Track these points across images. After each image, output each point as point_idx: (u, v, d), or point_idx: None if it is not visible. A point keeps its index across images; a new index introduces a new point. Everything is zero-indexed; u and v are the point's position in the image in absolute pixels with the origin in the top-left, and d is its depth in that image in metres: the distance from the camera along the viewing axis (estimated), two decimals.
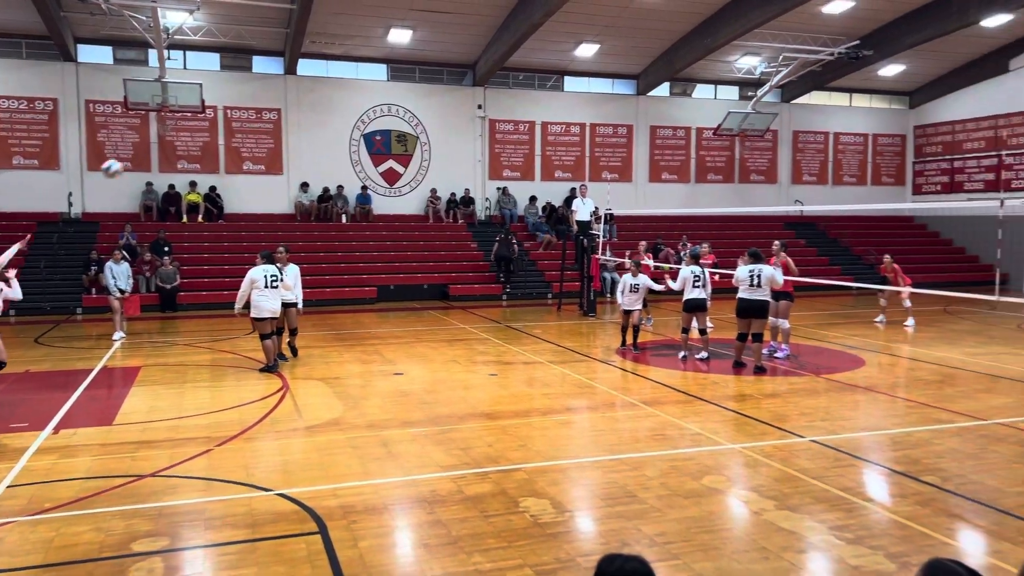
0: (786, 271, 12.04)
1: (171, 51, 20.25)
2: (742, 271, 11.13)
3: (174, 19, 18.68)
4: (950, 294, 11.03)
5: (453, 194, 24.17)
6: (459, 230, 23.75)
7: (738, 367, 11.22)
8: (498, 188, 24.67)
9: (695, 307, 12.00)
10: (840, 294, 22.22)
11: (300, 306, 12.24)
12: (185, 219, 21.68)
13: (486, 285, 21.51)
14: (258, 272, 10.98)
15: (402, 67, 23.91)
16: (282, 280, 11.20)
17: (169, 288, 18.75)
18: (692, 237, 23.97)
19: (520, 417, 8.60)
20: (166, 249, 19.54)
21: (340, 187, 23.09)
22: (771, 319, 12.43)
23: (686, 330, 12.12)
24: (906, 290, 15.05)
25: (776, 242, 12.83)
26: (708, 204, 26.08)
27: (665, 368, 11.53)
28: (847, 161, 28.54)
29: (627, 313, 12.95)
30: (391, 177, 23.95)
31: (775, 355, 12.25)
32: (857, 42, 22.10)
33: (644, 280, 13.11)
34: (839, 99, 28.49)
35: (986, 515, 5.72)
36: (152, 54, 20.72)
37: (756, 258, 11.14)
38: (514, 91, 24.96)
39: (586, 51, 23.34)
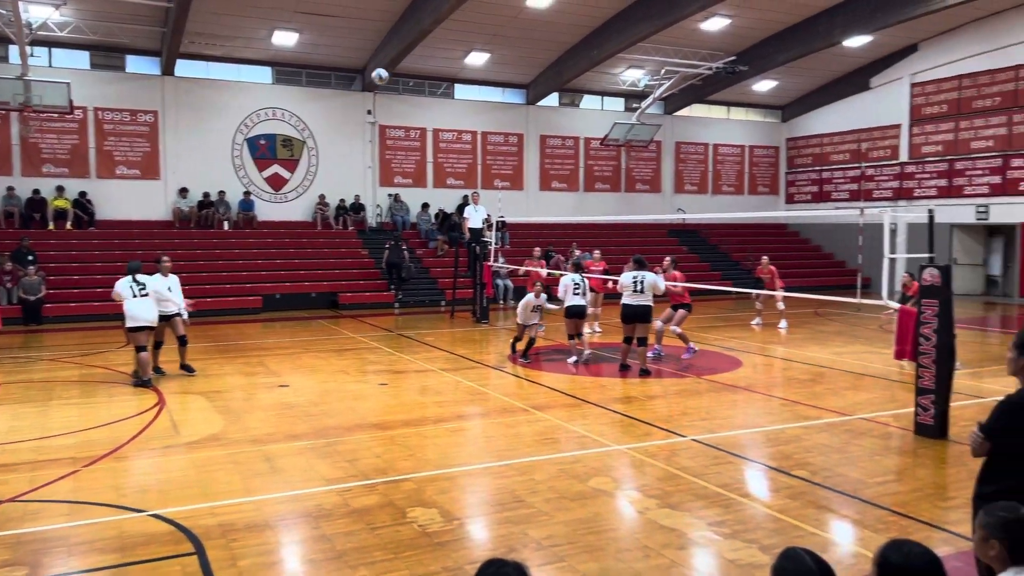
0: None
1: (35, 47, 18.97)
2: (626, 277, 11.48)
3: (38, 14, 17.52)
4: (819, 297, 11.71)
5: (342, 200, 23.74)
6: (349, 237, 23.35)
7: (624, 370, 11.53)
8: (389, 195, 24.41)
9: (575, 314, 12.27)
10: (720, 299, 23.17)
11: (185, 316, 11.70)
12: (52, 226, 20.32)
13: (377, 293, 21.22)
14: (123, 284, 10.49)
15: (288, 70, 23.32)
16: (152, 290, 10.69)
17: (33, 300, 17.53)
18: (581, 244, 24.54)
19: (410, 426, 8.51)
20: (30, 258, 18.25)
21: (222, 193, 22.24)
22: (658, 323, 12.89)
23: (571, 336, 12.36)
24: (779, 293, 15.87)
25: (667, 258, 13.38)
26: (596, 212, 26.68)
27: (555, 373, 11.69)
28: (725, 171, 29.86)
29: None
30: (276, 182, 23.28)
31: (683, 355, 12.79)
32: (734, 58, 23.18)
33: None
34: (718, 112, 29.80)
35: (850, 505, 6.08)
36: (13, 50, 19.34)
37: (640, 265, 11.51)
38: (405, 97, 24.80)
39: (476, 59, 23.47)
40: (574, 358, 12.29)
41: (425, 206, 24.41)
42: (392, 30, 21.00)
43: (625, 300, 11.43)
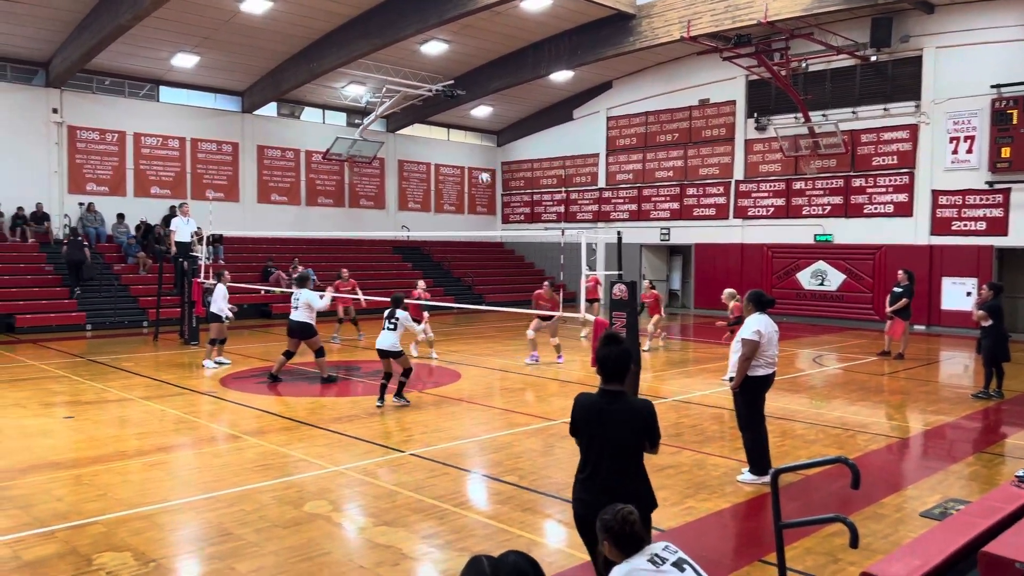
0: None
1: None
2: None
3: None
4: (525, 311, 12.50)
5: (20, 209, 20.76)
6: (30, 251, 20.47)
7: (275, 380, 12.00)
8: (80, 203, 21.81)
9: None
10: (443, 314, 23.81)
11: None
12: None
13: (64, 314, 18.82)
14: None
15: None
16: None
17: None
18: (304, 260, 23.88)
19: (101, 463, 7.63)
20: None
21: None
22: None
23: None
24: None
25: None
26: (320, 227, 26.11)
27: (271, 396, 11.21)
28: (447, 191, 30.87)
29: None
30: None
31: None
32: (452, 82, 24.09)
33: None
34: (439, 133, 30.75)
35: (554, 505, 6.53)
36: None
37: (301, 282, 12.42)
38: (100, 96, 22.38)
39: (185, 61, 21.89)
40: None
41: (121, 217, 22.18)
42: (83, 22, 18.88)
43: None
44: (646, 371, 13.32)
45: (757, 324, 7.06)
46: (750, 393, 7.19)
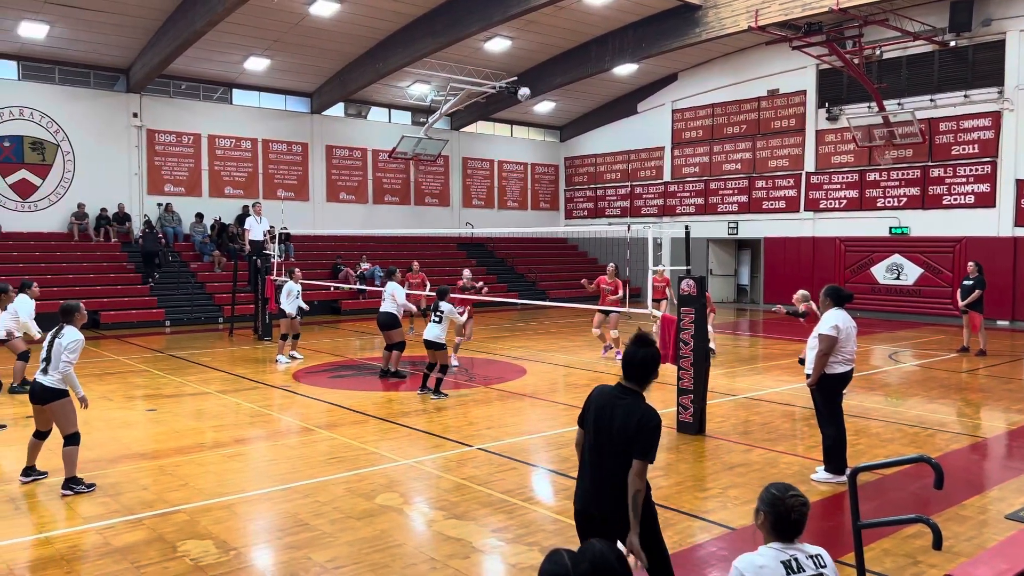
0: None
1: None
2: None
3: None
4: (591, 307, 12.45)
5: (104, 210, 21.71)
6: (112, 250, 21.38)
7: (398, 376, 12.16)
8: (159, 204, 22.68)
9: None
10: (506, 310, 23.93)
11: None
12: None
13: (145, 311, 19.60)
14: None
15: (38, 66, 20.96)
16: None
17: None
18: (371, 257, 24.32)
19: (183, 454, 7.94)
20: None
21: None
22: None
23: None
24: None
25: (611, 265, 14.79)
26: (386, 225, 26.55)
27: (342, 390, 11.45)
28: (510, 187, 30.96)
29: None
30: (25, 190, 20.81)
31: None
32: (515, 78, 24.12)
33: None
34: (502, 130, 30.85)
35: None
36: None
37: (390, 275, 12.81)
38: (177, 100, 23.20)
39: (256, 64, 22.51)
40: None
41: (200, 216, 22.96)
42: (161, 29, 19.60)
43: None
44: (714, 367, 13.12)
45: (835, 320, 6.88)
46: (829, 390, 7.02)
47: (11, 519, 6.04)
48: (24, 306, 10.95)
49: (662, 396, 10.77)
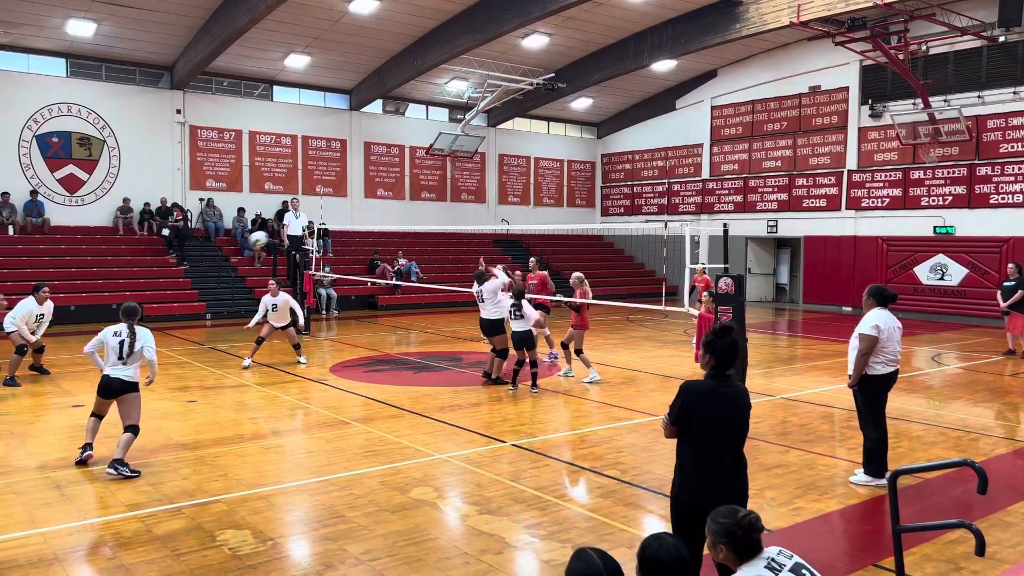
0: (543, 287, 12.92)
1: None
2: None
3: None
4: (628, 305, 12.38)
5: (148, 204, 22.15)
6: (155, 244, 21.81)
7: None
8: (201, 199, 23.08)
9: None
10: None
11: None
12: None
13: (187, 304, 19.97)
14: None
15: (85, 63, 21.45)
16: None
17: None
18: (408, 253, 24.48)
19: (222, 445, 8.08)
20: None
21: (5, 194, 20.06)
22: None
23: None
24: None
25: (532, 259, 14.50)
26: (423, 221, 26.70)
27: (378, 384, 11.55)
28: (546, 184, 30.91)
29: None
30: (72, 184, 21.33)
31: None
32: (552, 75, 24.04)
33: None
34: (538, 126, 30.80)
35: (655, 501, 6.47)
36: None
37: (480, 278, 12.09)
38: (218, 97, 23.57)
39: (296, 62, 22.78)
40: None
41: (241, 211, 23.31)
42: (204, 27, 19.92)
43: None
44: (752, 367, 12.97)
45: (876, 319, 6.75)
46: (871, 392, 6.88)
47: (56, 506, 6.20)
48: (24, 306, 11.47)
49: None
